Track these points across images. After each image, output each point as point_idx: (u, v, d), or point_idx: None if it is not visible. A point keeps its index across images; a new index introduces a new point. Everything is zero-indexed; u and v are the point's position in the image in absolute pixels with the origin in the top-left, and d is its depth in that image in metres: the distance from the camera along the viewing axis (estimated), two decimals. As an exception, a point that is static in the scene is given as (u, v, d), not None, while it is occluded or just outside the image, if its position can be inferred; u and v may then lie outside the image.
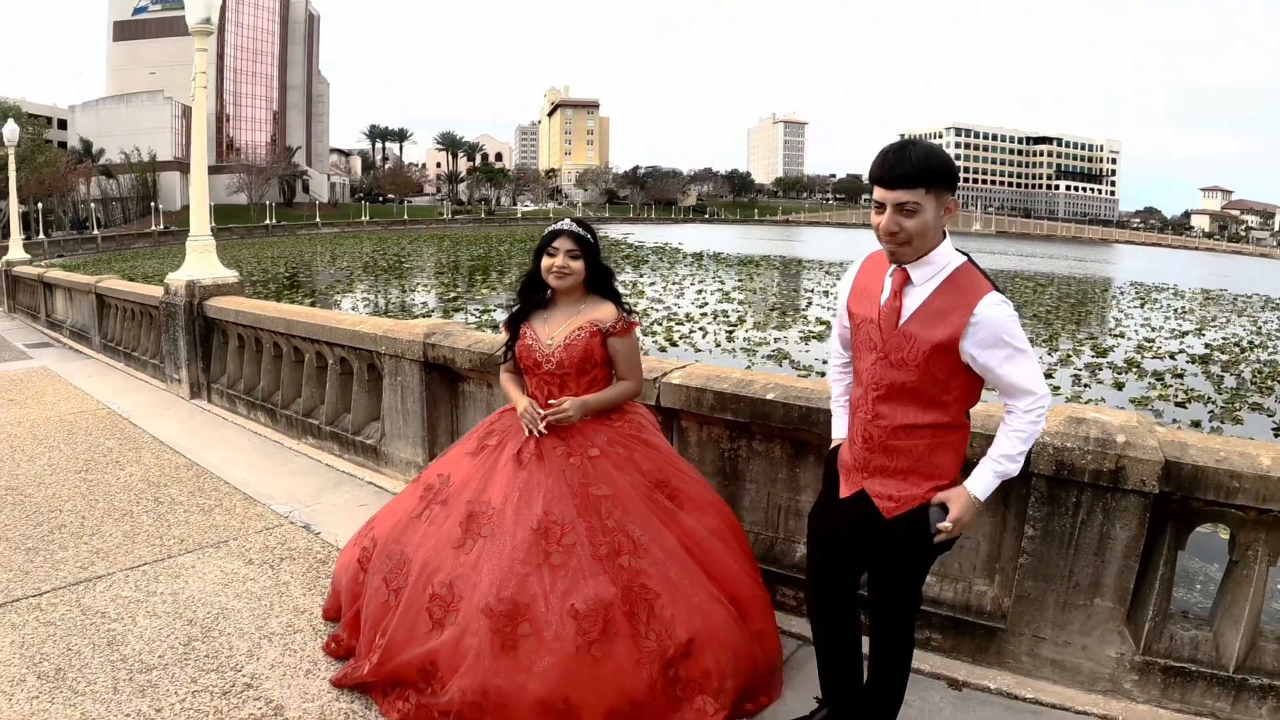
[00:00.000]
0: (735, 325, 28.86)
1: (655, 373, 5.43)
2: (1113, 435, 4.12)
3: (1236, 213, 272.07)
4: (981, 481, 3.20)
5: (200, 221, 11.58)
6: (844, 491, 3.46)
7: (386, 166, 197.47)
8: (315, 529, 6.58)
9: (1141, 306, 43.23)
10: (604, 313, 4.32)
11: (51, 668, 4.51)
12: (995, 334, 3.04)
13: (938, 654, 4.62)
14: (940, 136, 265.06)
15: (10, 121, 27.75)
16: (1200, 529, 4.40)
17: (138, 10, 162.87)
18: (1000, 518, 4.53)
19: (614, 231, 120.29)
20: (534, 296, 4.41)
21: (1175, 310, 42.03)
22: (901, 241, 3.07)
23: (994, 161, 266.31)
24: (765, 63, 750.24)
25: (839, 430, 3.70)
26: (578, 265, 4.25)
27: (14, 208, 27.97)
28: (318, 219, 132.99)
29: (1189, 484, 4.05)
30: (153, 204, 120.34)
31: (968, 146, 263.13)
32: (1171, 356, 25.37)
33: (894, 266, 3.20)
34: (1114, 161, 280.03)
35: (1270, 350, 28.53)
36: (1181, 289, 57.05)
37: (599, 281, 4.37)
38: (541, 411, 4.23)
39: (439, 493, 4.36)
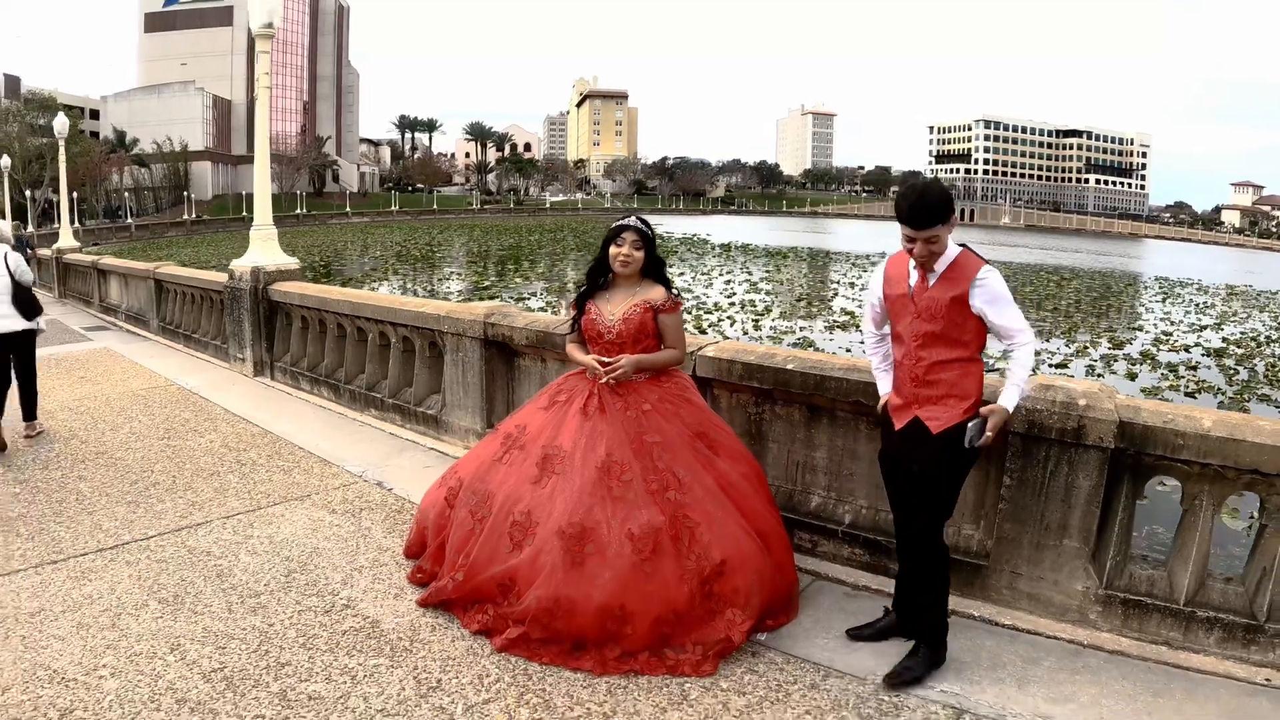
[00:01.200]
0: (762, 314, 29.61)
1: (691, 347, 6.23)
2: (1075, 399, 4.89)
3: (1268, 208, 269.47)
4: (1010, 398, 4.33)
5: (263, 211, 12.40)
6: (899, 424, 4.57)
7: (416, 156, 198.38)
8: (388, 486, 7.41)
9: (1163, 301, 43.60)
10: (656, 294, 5.21)
11: (170, 594, 5.31)
12: (992, 290, 4.26)
13: None
14: (969, 129, 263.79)
15: (61, 115, 28.81)
16: (1162, 489, 5.15)
17: (169, 2, 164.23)
18: (984, 471, 5.29)
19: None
20: (598, 280, 5.30)
21: (1197, 305, 42.36)
22: (932, 261, 4.31)
23: (1023, 155, 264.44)
24: (794, 54, 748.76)
25: (884, 388, 4.81)
26: (639, 254, 5.16)
27: (64, 197, 28.97)
28: (348, 208, 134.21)
29: (1141, 441, 4.81)
30: (186, 194, 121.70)
31: (996, 139, 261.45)
32: (1187, 350, 25.90)
33: (920, 263, 4.37)
34: (1144, 155, 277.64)
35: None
36: (1206, 284, 57.16)
37: (653, 268, 5.27)
38: (603, 368, 5.08)
39: (517, 440, 5.23)
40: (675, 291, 5.34)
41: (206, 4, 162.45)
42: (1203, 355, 25.05)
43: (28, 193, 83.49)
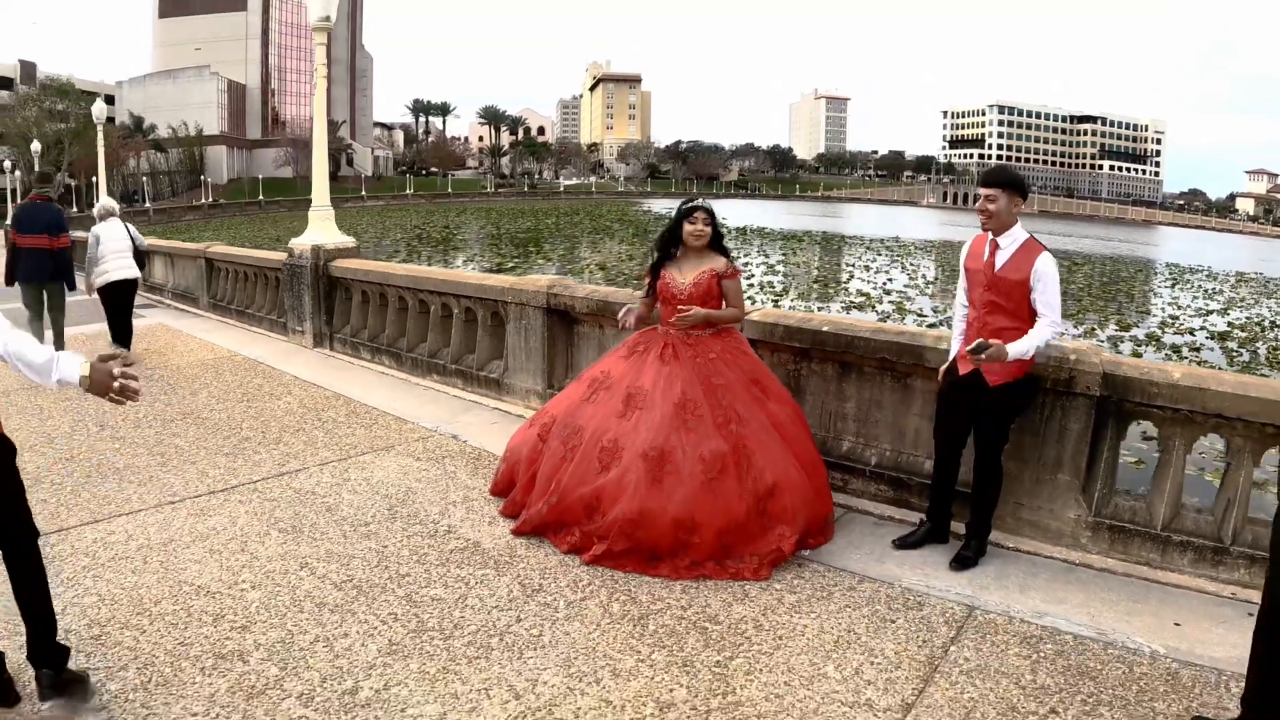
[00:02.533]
0: (780, 296, 30.48)
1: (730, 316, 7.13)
2: (1067, 354, 5.80)
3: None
4: (1016, 347, 5.25)
5: (321, 193, 13.28)
6: (962, 370, 5.60)
7: (429, 140, 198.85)
8: (462, 439, 8.31)
9: (1172, 287, 44.35)
10: (719, 263, 6.23)
11: (288, 525, 6.20)
12: (1046, 272, 5.35)
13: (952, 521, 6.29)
14: (983, 114, 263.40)
15: (99, 101, 29.72)
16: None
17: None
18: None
19: (658, 206, 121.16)
20: (670, 251, 6.31)
21: (1205, 291, 43.09)
22: (988, 221, 5.49)
23: (1037, 140, 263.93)
24: (808, 38, 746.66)
25: (953, 353, 5.85)
26: (709, 229, 6.22)
27: (103, 182, 29.79)
28: (363, 192, 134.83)
29: (1122, 389, 5.73)
30: (203, 178, 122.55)
31: (1011, 125, 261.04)
32: (1192, 333, 26.70)
33: (990, 236, 5.55)
34: (1159, 142, 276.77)
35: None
36: (1216, 271, 57.81)
37: (717, 241, 6.30)
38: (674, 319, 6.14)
39: (603, 383, 6.18)
40: (735, 260, 6.38)
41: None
42: (1207, 338, 25.85)
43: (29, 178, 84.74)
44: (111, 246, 12.43)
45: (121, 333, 12.55)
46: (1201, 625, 5.00)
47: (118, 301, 12.46)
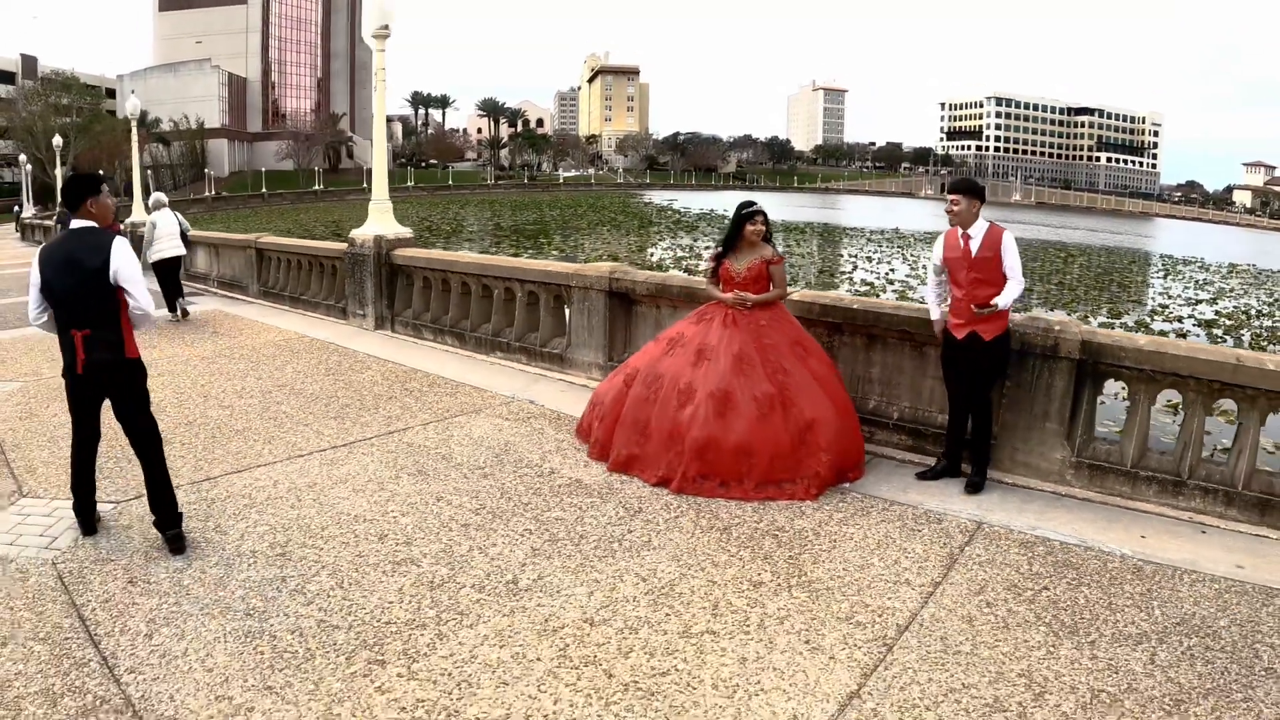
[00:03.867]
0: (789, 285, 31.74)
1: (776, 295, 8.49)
2: (1052, 325, 7.22)
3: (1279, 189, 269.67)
4: (1004, 300, 6.88)
5: (380, 188, 14.62)
6: (960, 335, 7.10)
7: (429, 133, 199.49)
8: (539, 403, 9.67)
9: (1165, 278, 45.71)
10: (768, 252, 7.71)
11: (414, 470, 7.49)
12: (1009, 245, 6.99)
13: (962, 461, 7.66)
14: (981, 106, 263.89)
15: (133, 97, 30.83)
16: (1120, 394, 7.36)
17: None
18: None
19: (658, 197, 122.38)
20: (731, 245, 7.74)
21: (1196, 282, 44.35)
22: (955, 219, 7.10)
23: (1034, 132, 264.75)
24: (806, 30, 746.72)
25: (935, 315, 7.44)
26: (764, 227, 7.70)
27: (137, 176, 30.85)
28: (365, 184, 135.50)
29: (1097, 353, 7.12)
30: (206, 171, 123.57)
31: (1008, 116, 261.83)
32: (1180, 320, 28.08)
33: (961, 230, 7.08)
34: (1156, 134, 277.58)
35: (1275, 319, 31.13)
36: (1209, 263, 58.99)
37: (767, 235, 7.75)
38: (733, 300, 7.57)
39: (679, 341, 7.67)
40: (778, 250, 7.86)
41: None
42: (1194, 325, 27.22)
43: (56, 172, 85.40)
44: (164, 230, 16.32)
45: (173, 293, 16.15)
46: (1162, 538, 6.35)
47: (169, 272, 16.21)
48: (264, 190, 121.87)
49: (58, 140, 57.08)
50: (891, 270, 41.42)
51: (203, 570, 5.48)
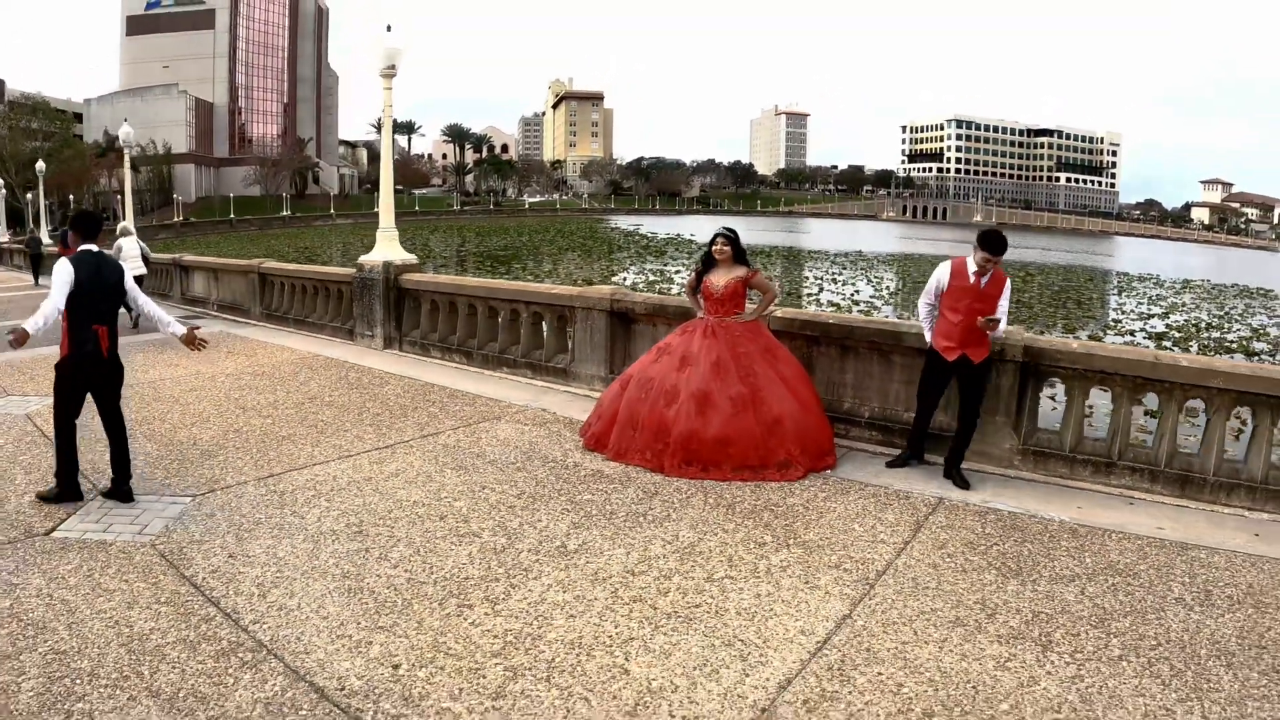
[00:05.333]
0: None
1: (768, 312, 9.68)
2: (999, 334, 8.39)
3: (1237, 205, 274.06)
4: (1001, 327, 8.02)
5: (387, 217, 15.89)
6: (950, 358, 8.08)
7: (394, 159, 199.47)
8: (551, 411, 10.82)
9: (1120, 294, 47.39)
10: (743, 271, 8.94)
11: (455, 465, 8.57)
12: (1008, 289, 8.05)
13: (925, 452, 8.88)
14: (942, 129, 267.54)
15: (126, 125, 31.68)
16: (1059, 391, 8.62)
17: (150, 5, 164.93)
18: (953, 381, 8.79)
19: (623, 222, 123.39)
20: (709, 264, 8.99)
21: (1150, 298, 46.14)
22: (993, 267, 8.00)
23: (994, 153, 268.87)
24: (767, 54, 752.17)
25: (929, 337, 8.36)
26: (729, 248, 8.93)
27: (129, 202, 31.69)
28: (332, 210, 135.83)
29: (1038, 356, 8.43)
30: (174, 197, 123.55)
31: (969, 139, 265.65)
32: (1132, 334, 29.54)
33: (978, 270, 7.98)
34: (1114, 154, 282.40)
35: (1222, 330, 32.72)
36: (1164, 279, 60.91)
37: (740, 256, 8.98)
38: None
39: (666, 350, 8.97)
40: (754, 266, 9.14)
41: (188, 7, 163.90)
42: (1144, 338, 28.67)
43: (28, 196, 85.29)
44: (129, 253, 19.21)
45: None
46: (1095, 509, 7.62)
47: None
48: (232, 216, 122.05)
49: (40, 165, 57.44)
50: (856, 291, 43.02)
51: (293, 546, 6.53)
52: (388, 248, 15.46)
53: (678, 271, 48.13)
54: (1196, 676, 4.95)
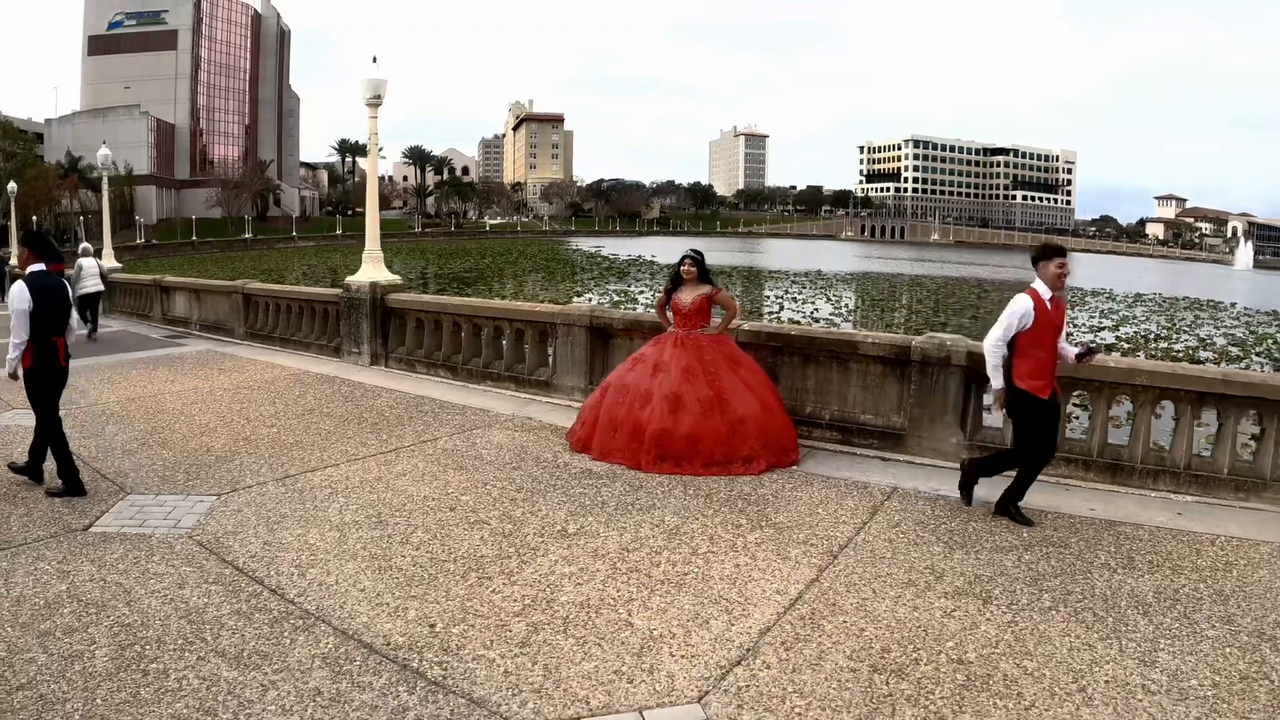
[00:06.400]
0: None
1: (735, 325, 10.62)
2: (945, 342, 9.47)
3: (1191, 220, 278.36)
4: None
5: (373, 239, 16.72)
6: (1046, 395, 7.61)
7: (355, 180, 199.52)
8: (537, 419, 11.67)
9: (1073, 309, 48.66)
10: (708, 289, 9.93)
11: (456, 466, 9.38)
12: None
13: (878, 450, 9.95)
14: (899, 149, 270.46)
15: (104, 147, 32.14)
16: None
17: (112, 25, 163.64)
18: (904, 384, 9.82)
19: (585, 244, 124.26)
20: (677, 282, 9.93)
21: (1101, 311, 47.60)
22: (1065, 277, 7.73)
23: (951, 173, 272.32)
24: (727, 76, 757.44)
25: (999, 381, 7.75)
26: (694, 269, 9.91)
27: (107, 224, 32.15)
28: (294, 232, 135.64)
29: (979, 362, 9.22)
30: (136, 219, 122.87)
31: (926, 159, 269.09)
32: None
33: (1051, 294, 7.61)
34: (1069, 171, 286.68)
35: (1170, 341, 34.01)
36: (1117, 293, 62.49)
37: (704, 275, 9.92)
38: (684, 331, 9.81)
39: (640, 360, 9.95)
40: (718, 285, 10.15)
41: (150, 28, 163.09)
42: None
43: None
44: (88, 271, 22.18)
45: (94, 319, 21.86)
46: (1033, 495, 8.27)
47: (90, 303, 21.79)
48: (194, 238, 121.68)
49: (12, 186, 57.49)
50: (816, 309, 44.22)
51: (321, 534, 7.31)
52: (374, 269, 16.27)
53: (641, 292, 49.16)
54: (1116, 621, 5.91)
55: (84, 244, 24.97)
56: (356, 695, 4.86)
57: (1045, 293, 7.56)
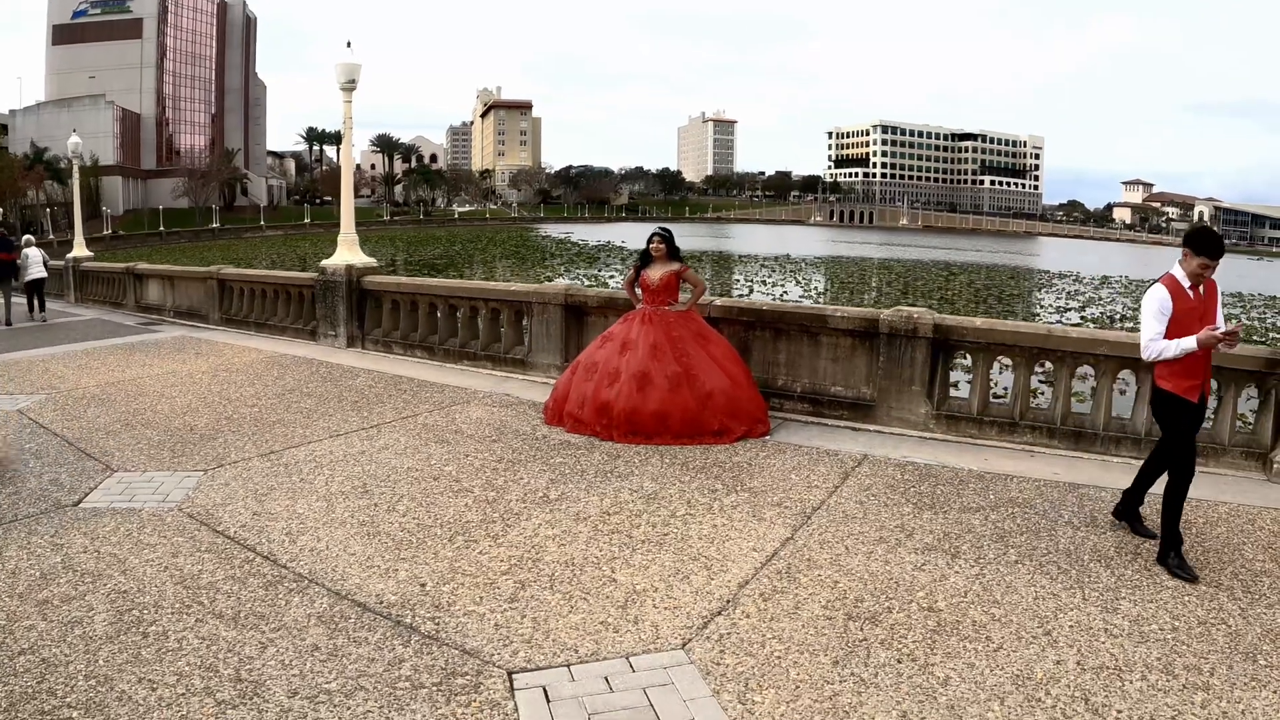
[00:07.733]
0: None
1: (706, 301, 10.88)
2: (912, 314, 9.73)
3: (1158, 205, 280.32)
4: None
5: (348, 223, 16.86)
6: (1195, 397, 6.47)
7: (323, 169, 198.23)
8: (513, 396, 11.86)
9: (1039, 290, 49.31)
10: (676, 266, 10.13)
11: (437, 440, 9.55)
12: (1219, 295, 6.61)
13: (848, 420, 10.21)
14: (867, 134, 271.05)
15: (75, 134, 31.98)
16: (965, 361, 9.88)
17: (77, 14, 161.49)
18: (872, 356, 10.09)
19: (554, 231, 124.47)
20: (646, 260, 10.17)
21: (1068, 293, 48.17)
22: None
23: (919, 158, 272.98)
24: (695, 62, 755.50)
25: (1176, 349, 6.33)
26: (663, 246, 10.11)
27: (78, 214, 32.09)
28: (262, 221, 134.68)
29: (946, 333, 9.68)
30: (103, 209, 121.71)
31: (894, 144, 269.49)
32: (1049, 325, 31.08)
33: (1192, 283, 6.36)
34: (1037, 157, 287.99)
35: (1136, 322, 34.31)
36: (1083, 276, 63.22)
37: (673, 252, 10.12)
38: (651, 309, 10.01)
39: (609, 338, 10.15)
40: (687, 262, 10.38)
41: (115, 16, 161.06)
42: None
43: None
44: (33, 260, 24.85)
45: (42, 303, 24.47)
46: (1000, 460, 8.88)
47: (36, 288, 24.41)
48: (161, 228, 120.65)
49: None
50: (785, 292, 44.66)
51: (309, 504, 7.51)
52: (349, 252, 16.41)
53: (612, 276, 49.53)
54: (1080, 573, 6.22)
55: (27, 236, 29.88)
56: (353, 650, 5.06)
57: (1183, 279, 6.48)
